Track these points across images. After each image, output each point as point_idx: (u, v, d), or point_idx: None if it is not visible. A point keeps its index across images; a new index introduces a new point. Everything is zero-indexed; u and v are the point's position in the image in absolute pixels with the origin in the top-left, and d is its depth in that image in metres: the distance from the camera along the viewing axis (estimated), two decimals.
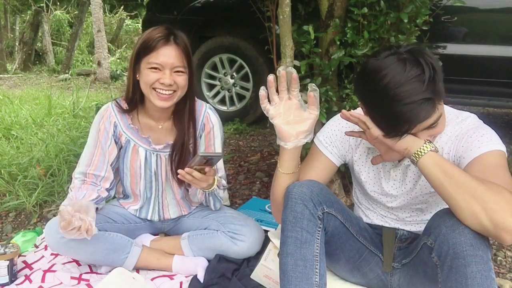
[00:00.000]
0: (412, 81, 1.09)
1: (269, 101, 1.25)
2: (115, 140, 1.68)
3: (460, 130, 1.26)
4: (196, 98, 1.70)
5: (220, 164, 1.74)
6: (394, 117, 1.12)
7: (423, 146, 1.13)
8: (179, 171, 1.50)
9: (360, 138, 1.35)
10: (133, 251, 1.66)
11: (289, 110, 1.24)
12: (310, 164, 1.43)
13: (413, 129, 1.14)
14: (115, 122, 1.67)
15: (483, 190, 1.03)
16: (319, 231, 1.25)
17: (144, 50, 1.51)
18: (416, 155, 1.14)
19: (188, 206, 1.85)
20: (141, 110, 1.68)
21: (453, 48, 2.84)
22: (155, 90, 1.52)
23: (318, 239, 1.24)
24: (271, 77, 1.22)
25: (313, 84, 1.22)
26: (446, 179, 1.08)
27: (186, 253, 1.72)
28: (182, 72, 1.54)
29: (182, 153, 1.65)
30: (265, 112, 1.25)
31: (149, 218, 1.80)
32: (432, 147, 1.14)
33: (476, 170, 1.14)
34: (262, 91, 1.24)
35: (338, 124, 1.44)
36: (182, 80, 1.54)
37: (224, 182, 1.75)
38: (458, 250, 1.06)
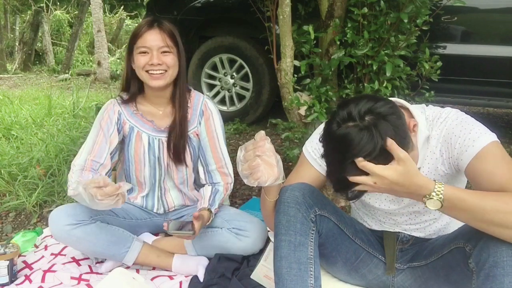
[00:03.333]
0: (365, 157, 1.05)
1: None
2: (118, 129, 1.73)
3: (446, 130, 1.23)
4: (193, 90, 1.81)
5: (224, 153, 1.78)
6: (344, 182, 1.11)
7: (437, 196, 1.06)
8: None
9: None
10: (134, 246, 1.67)
11: (266, 162, 1.19)
12: (300, 174, 1.41)
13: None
14: (119, 110, 1.75)
15: (506, 213, 1.02)
16: (312, 233, 1.25)
17: (133, 38, 1.67)
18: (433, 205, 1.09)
19: (192, 198, 1.87)
20: (142, 98, 1.77)
21: (453, 48, 2.84)
22: (147, 72, 1.65)
23: (312, 241, 1.24)
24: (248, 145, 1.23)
25: (262, 132, 1.21)
26: (468, 217, 1.07)
27: (189, 252, 1.73)
28: (168, 52, 1.65)
29: (181, 136, 1.71)
30: (262, 184, 1.19)
31: (154, 209, 1.83)
32: (441, 196, 1.06)
33: (481, 172, 1.13)
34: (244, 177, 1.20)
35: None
36: (169, 59, 1.66)
37: (230, 178, 1.79)
38: (498, 259, 1.05)
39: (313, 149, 1.41)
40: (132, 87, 1.73)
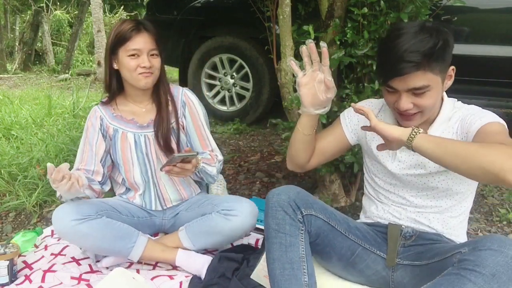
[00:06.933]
0: (415, 42, 1.21)
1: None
2: (103, 134, 1.78)
3: (465, 111, 1.35)
4: (171, 84, 1.86)
5: (210, 139, 1.87)
6: (386, 63, 1.26)
7: (413, 132, 1.19)
8: (164, 169, 1.63)
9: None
10: (140, 241, 1.68)
11: (313, 81, 1.34)
12: (328, 131, 1.56)
13: (395, 81, 1.25)
14: (100, 116, 1.79)
15: (476, 148, 1.11)
16: (301, 233, 1.31)
17: (120, 41, 1.69)
18: (409, 140, 1.19)
19: (188, 189, 1.88)
20: (122, 98, 1.81)
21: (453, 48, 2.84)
22: (138, 74, 1.69)
23: (302, 241, 1.30)
24: (304, 48, 1.32)
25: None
26: (441, 151, 1.15)
27: (185, 244, 1.73)
28: (156, 55, 1.72)
29: (167, 128, 1.76)
30: (296, 78, 1.37)
31: (153, 207, 1.84)
32: (420, 130, 1.19)
33: (479, 139, 1.22)
34: (291, 61, 1.36)
35: (365, 105, 1.52)
36: (157, 62, 1.72)
37: (220, 156, 1.86)
38: (484, 263, 1.04)
39: (349, 115, 1.54)
40: (112, 87, 1.77)
